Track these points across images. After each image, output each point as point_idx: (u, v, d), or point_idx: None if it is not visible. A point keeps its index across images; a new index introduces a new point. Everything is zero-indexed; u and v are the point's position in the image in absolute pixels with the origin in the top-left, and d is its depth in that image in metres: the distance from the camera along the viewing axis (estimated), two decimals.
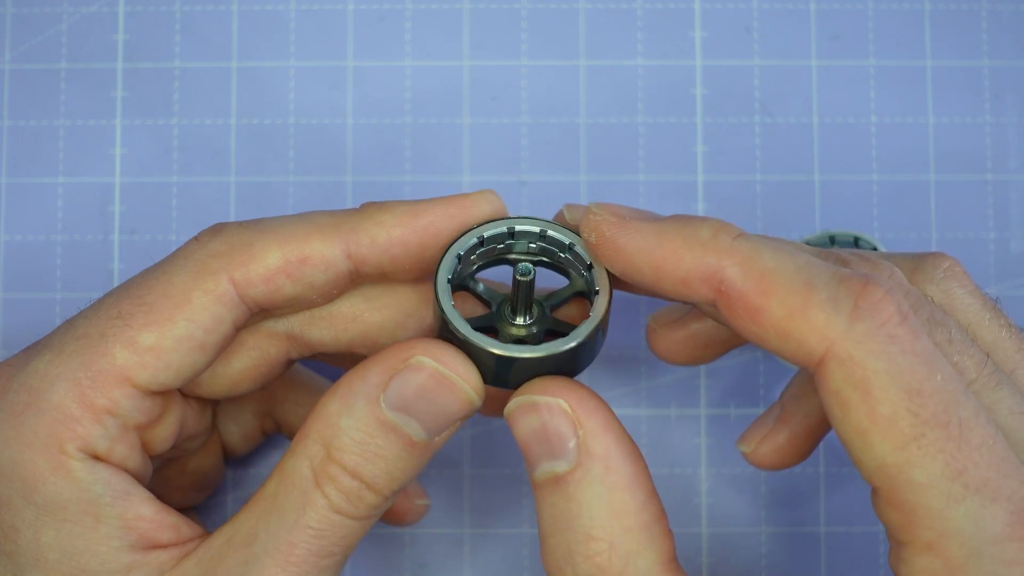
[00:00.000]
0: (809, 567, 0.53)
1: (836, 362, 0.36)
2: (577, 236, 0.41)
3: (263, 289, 0.40)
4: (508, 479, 0.53)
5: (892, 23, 0.55)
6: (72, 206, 0.54)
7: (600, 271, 0.40)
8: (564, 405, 0.38)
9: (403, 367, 0.39)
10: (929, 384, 0.35)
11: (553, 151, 0.54)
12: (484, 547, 0.53)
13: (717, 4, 0.55)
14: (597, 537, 0.38)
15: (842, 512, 0.53)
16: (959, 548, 0.35)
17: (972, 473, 0.35)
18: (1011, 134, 0.54)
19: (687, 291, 0.38)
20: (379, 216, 0.41)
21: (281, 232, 0.41)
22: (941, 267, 0.41)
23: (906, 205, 0.54)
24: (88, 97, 0.54)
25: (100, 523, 0.40)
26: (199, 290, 0.40)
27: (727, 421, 0.53)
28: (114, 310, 0.40)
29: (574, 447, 0.38)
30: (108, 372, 0.40)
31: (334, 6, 0.55)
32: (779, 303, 0.37)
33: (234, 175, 0.54)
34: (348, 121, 0.55)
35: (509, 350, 0.39)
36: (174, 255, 0.41)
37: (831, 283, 0.37)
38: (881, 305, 0.36)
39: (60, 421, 0.39)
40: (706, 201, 0.54)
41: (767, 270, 0.37)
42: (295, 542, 0.39)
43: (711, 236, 0.38)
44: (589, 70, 0.55)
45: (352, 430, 0.39)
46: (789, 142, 0.54)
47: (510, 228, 0.41)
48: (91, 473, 0.40)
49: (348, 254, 0.41)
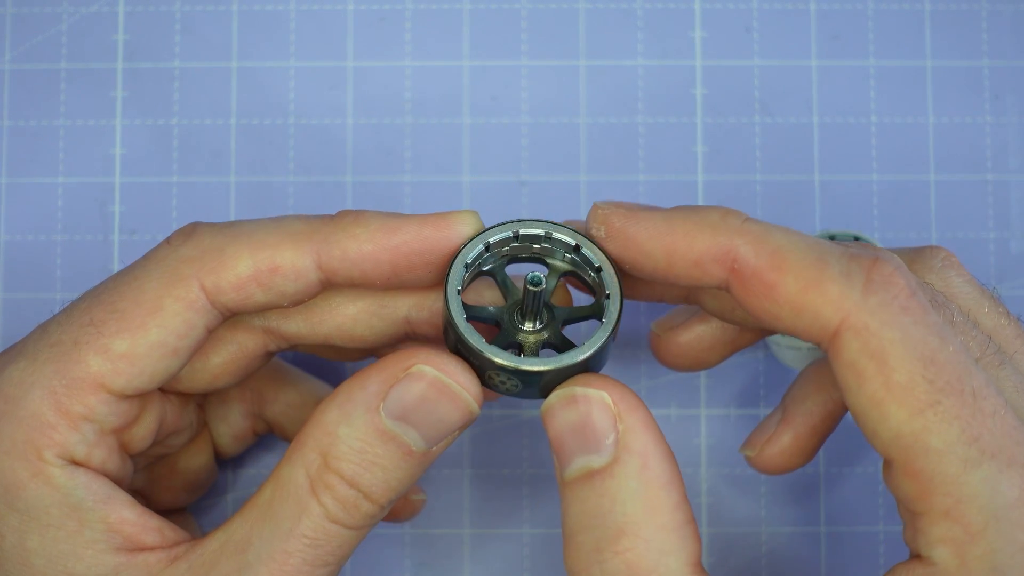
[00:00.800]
0: (809, 567, 0.53)
1: (851, 333, 0.36)
2: (584, 237, 0.41)
3: (234, 296, 0.40)
4: (508, 479, 0.53)
5: (892, 23, 0.55)
6: (72, 206, 0.54)
7: (610, 274, 0.40)
8: (607, 399, 0.38)
9: (403, 376, 0.39)
10: (942, 353, 0.36)
11: (553, 151, 0.54)
12: (484, 547, 0.53)
13: (717, 4, 0.55)
14: (630, 533, 0.37)
15: (842, 512, 0.53)
16: (978, 513, 0.35)
17: (987, 440, 0.35)
18: (1011, 134, 0.54)
19: (700, 273, 0.39)
20: (353, 229, 0.40)
21: (253, 239, 0.40)
22: (938, 257, 0.42)
23: (906, 205, 0.54)
24: (88, 97, 0.54)
25: (84, 527, 0.40)
26: (170, 296, 0.40)
27: (727, 421, 0.53)
28: (86, 316, 0.40)
29: (612, 442, 0.38)
30: (82, 379, 0.40)
31: (334, 6, 0.55)
32: (793, 277, 0.37)
33: (234, 175, 0.54)
34: (348, 121, 0.55)
35: (524, 363, 0.39)
36: (145, 259, 0.41)
37: (843, 259, 0.37)
38: (892, 279, 0.36)
39: (37, 428, 0.39)
40: (706, 201, 0.54)
41: (779, 247, 0.38)
42: (290, 551, 0.39)
43: (720, 219, 0.39)
44: (589, 70, 0.55)
45: (350, 439, 0.39)
46: (789, 142, 0.54)
47: (515, 232, 0.41)
48: (71, 478, 0.40)
49: (319, 265, 0.40)
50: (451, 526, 0.53)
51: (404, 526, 0.52)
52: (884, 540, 0.52)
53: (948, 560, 0.36)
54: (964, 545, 0.35)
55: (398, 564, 0.53)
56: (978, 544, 0.35)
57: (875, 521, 0.53)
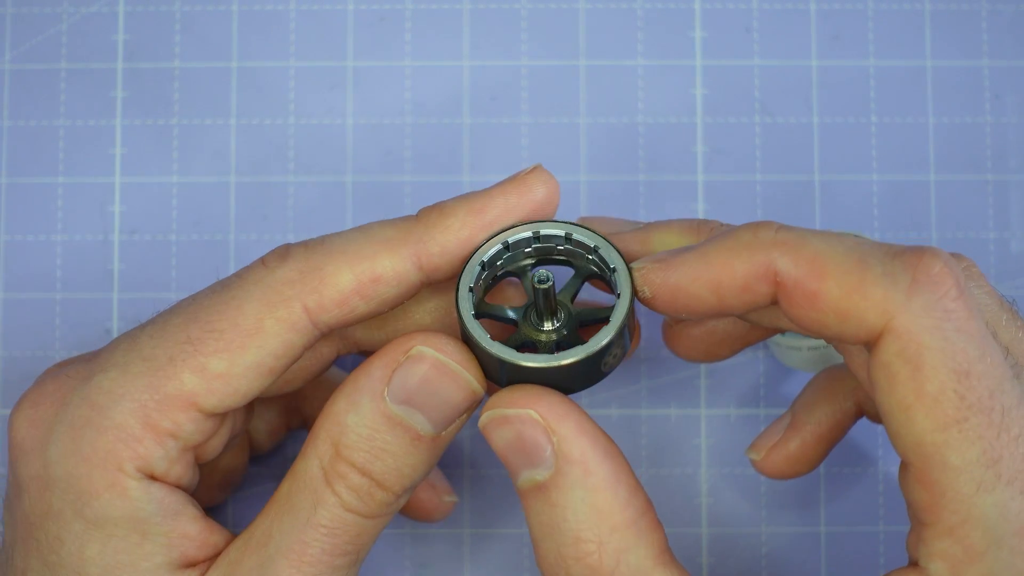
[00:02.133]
0: (809, 567, 0.53)
1: (892, 335, 0.36)
2: (602, 239, 0.41)
3: (337, 313, 0.40)
4: (508, 479, 0.53)
5: (892, 23, 0.55)
6: (72, 206, 0.54)
7: (623, 276, 0.40)
8: (534, 415, 0.38)
9: (404, 359, 0.39)
10: (979, 366, 0.35)
11: (553, 151, 0.54)
12: (484, 547, 0.53)
13: (717, 4, 0.55)
14: (585, 539, 0.38)
15: (842, 512, 0.53)
16: (981, 536, 0.35)
17: (1007, 463, 0.35)
18: (1011, 134, 0.54)
19: (751, 296, 0.38)
20: (444, 222, 0.40)
21: (349, 252, 0.40)
22: (960, 266, 0.41)
23: (906, 205, 0.54)
24: (88, 97, 0.54)
25: (146, 540, 0.40)
26: (271, 318, 0.40)
27: (727, 421, 0.53)
28: (182, 334, 0.40)
29: (551, 454, 0.38)
30: (175, 396, 0.39)
31: (334, 6, 0.55)
32: (836, 283, 0.37)
33: (234, 175, 0.54)
34: (348, 121, 0.55)
35: (518, 358, 0.39)
36: (241, 279, 0.41)
37: (885, 258, 0.37)
38: (940, 277, 0.36)
39: (121, 440, 0.39)
40: (706, 201, 0.54)
41: (818, 253, 0.37)
42: (307, 541, 0.39)
43: (753, 236, 0.38)
44: (589, 70, 0.55)
45: (359, 427, 0.39)
46: (789, 142, 0.54)
47: (536, 232, 0.41)
48: (145, 492, 0.40)
49: (419, 266, 0.40)
50: (451, 526, 0.53)
51: (404, 526, 0.52)
52: (884, 540, 0.52)
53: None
54: (962, 565, 0.35)
55: (398, 564, 0.53)
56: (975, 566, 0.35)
57: (875, 521, 0.53)
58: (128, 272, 0.53)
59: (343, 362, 0.53)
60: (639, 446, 0.53)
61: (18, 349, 0.53)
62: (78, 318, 0.53)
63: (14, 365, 0.53)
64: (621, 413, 0.53)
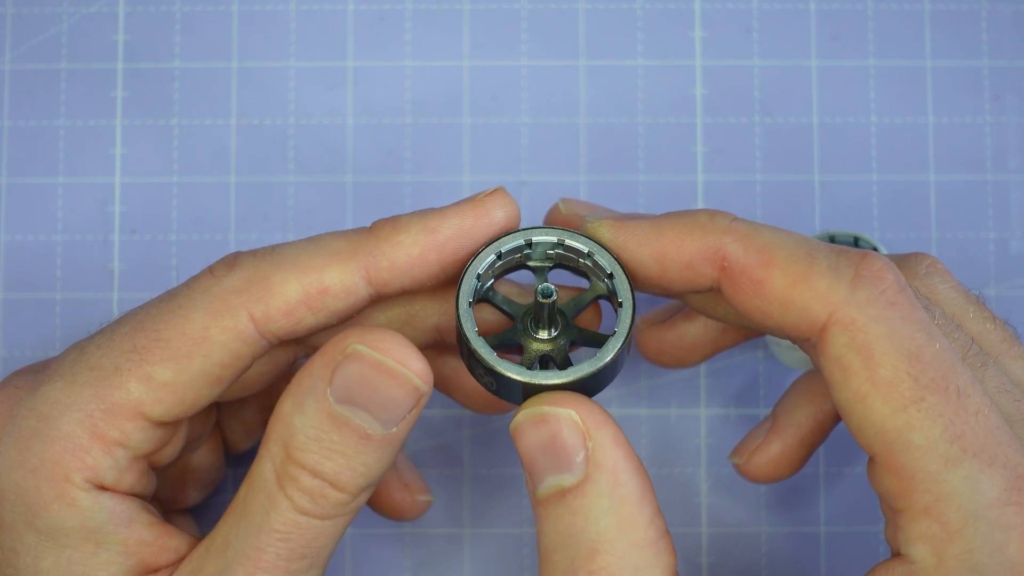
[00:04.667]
0: (809, 567, 0.53)
1: (839, 327, 0.36)
2: (595, 244, 0.41)
3: (283, 323, 0.40)
4: (508, 479, 0.53)
5: (892, 23, 0.55)
6: (72, 206, 0.54)
7: (622, 282, 0.40)
8: (576, 417, 0.38)
9: (342, 358, 0.38)
10: (928, 350, 0.36)
11: (553, 151, 0.54)
12: (484, 547, 0.53)
13: (717, 4, 0.55)
14: (604, 551, 0.37)
15: (842, 512, 0.53)
16: (957, 511, 0.35)
17: (969, 438, 0.35)
18: (1011, 134, 0.54)
19: (692, 275, 0.39)
20: (395, 237, 0.40)
21: (298, 263, 0.40)
22: (923, 263, 0.42)
23: (906, 205, 0.54)
24: (88, 97, 0.54)
25: (101, 549, 0.39)
26: (217, 327, 0.39)
27: (727, 421, 0.53)
28: (128, 343, 0.40)
29: (582, 460, 0.38)
30: (121, 405, 0.39)
31: (334, 6, 0.55)
32: (782, 273, 0.37)
33: (234, 175, 0.54)
34: (348, 121, 0.55)
35: (537, 377, 0.39)
36: (188, 288, 0.40)
37: (831, 255, 0.37)
38: (881, 273, 0.37)
39: (68, 451, 0.39)
40: (706, 201, 0.54)
41: (768, 243, 0.38)
42: (262, 547, 0.38)
43: (708, 219, 0.39)
44: (589, 70, 0.55)
45: (306, 427, 0.38)
46: (789, 142, 0.54)
47: (528, 240, 0.41)
48: (95, 503, 0.39)
49: (368, 279, 0.40)
50: (451, 526, 0.53)
51: (404, 526, 0.52)
52: (884, 540, 0.52)
53: (926, 558, 0.36)
54: (942, 543, 0.35)
55: (398, 564, 0.53)
56: (956, 543, 0.35)
57: (875, 521, 0.53)
58: (128, 272, 0.53)
59: None
60: (639, 446, 0.53)
61: (18, 349, 0.53)
62: (78, 318, 0.53)
63: (14, 365, 0.53)
64: (621, 413, 0.53)
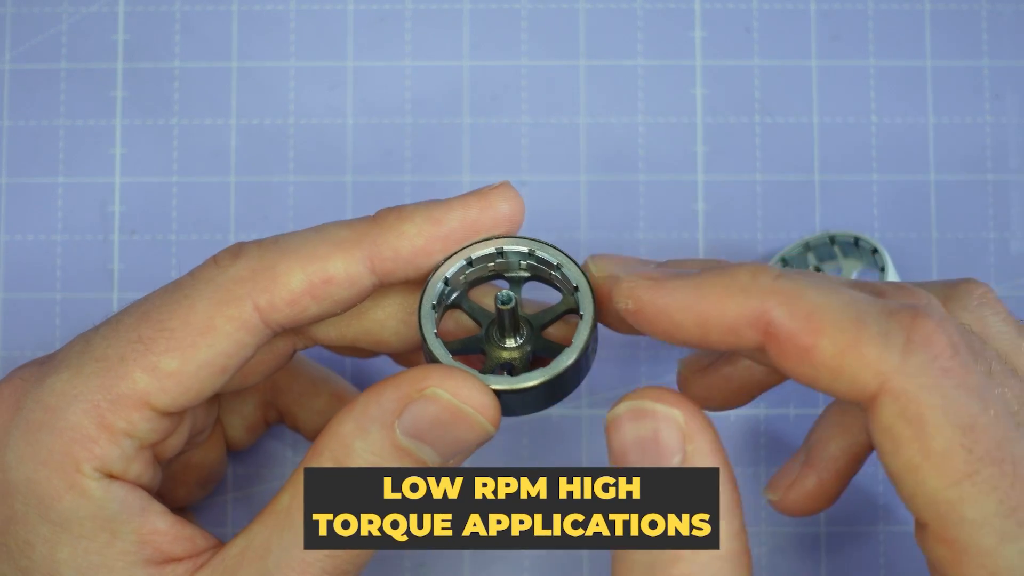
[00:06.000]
0: (809, 567, 0.53)
1: (889, 397, 0.35)
2: (565, 257, 0.40)
3: (288, 312, 0.40)
4: None
5: (892, 23, 0.55)
6: (72, 206, 0.54)
7: (586, 295, 0.40)
8: (679, 417, 0.37)
9: (418, 397, 0.38)
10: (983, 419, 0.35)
11: (553, 151, 0.54)
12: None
13: (717, 4, 0.55)
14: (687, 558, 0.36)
15: (842, 512, 0.53)
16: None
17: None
18: (1011, 134, 0.54)
19: (735, 339, 0.37)
20: (400, 227, 0.40)
21: (302, 252, 0.40)
22: (975, 294, 0.41)
23: (906, 205, 0.54)
24: (88, 97, 0.54)
25: (116, 539, 0.40)
26: (222, 317, 0.40)
27: (727, 421, 0.53)
28: (134, 333, 0.40)
29: (679, 462, 0.37)
30: (128, 395, 0.39)
31: (334, 6, 0.55)
32: (830, 341, 0.35)
33: (234, 175, 0.54)
34: (348, 121, 0.55)
35: (487, 381, 0.39)
36: (193, 278, 0.40)
37: (881, 317, 0.35)
38: (934, 338, 0.35)
39: (76, 441, 0.39)
40: (706, 201, 0.54)
41: (815, 307, 0.36)
42: (309, 560, 0.39)
43: (751, 279, 0.37)
44: (589, 70, 0.55)
45: (366, 452, 0.39)
46: (789, 142, 0.54)
47: (499, 248, 0.41)
48: (107, 492, 0.39)
49: (372, 269, 0.40)
50: None
51: None
52: (884, 540, 0.52)
53: None
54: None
55: (398, 564, 0.53)
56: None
57: (875, 521, 0.53)
58: (128, 272, 0.53)
59: (319, 355, 0.53)
60: None
61: (18, 349, 0.53)
62: (78, 318, 0.53)
63: (14, 365, 0.52)
64: None
